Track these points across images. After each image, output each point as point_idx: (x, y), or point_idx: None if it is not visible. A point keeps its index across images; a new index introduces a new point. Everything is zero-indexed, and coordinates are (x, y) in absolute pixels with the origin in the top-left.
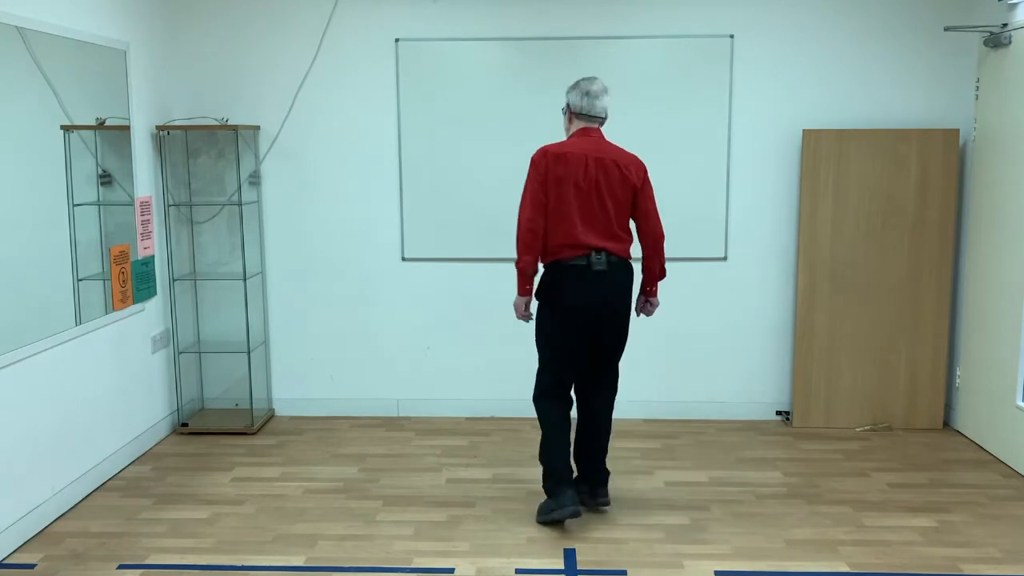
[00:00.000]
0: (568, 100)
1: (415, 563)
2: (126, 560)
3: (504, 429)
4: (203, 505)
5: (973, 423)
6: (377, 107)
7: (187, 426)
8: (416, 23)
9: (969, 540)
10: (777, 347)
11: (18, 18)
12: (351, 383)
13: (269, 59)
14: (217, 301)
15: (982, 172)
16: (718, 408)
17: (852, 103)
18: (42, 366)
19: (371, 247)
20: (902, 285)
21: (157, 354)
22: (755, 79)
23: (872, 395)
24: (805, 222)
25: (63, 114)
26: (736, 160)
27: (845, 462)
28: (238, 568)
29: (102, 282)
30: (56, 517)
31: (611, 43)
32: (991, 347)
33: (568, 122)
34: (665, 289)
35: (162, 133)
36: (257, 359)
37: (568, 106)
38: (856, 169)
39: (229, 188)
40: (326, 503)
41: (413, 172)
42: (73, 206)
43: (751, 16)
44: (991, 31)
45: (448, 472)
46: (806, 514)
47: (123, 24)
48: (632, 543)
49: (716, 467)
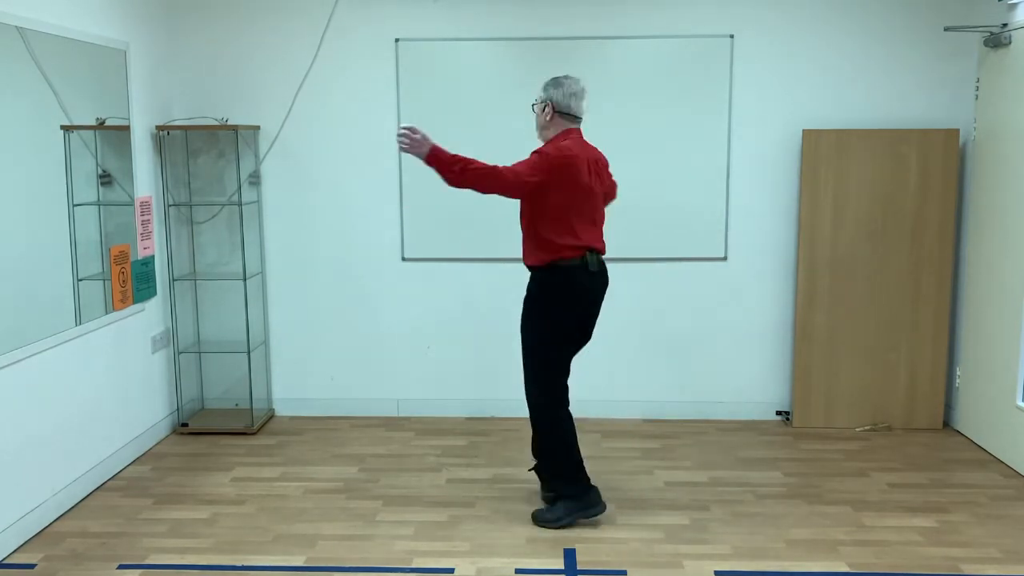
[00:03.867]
0: (551, 97)
1: (415, 563)
2: (126, 560)
3: (504, 429)
4: (203, 505)
5: (973, 423)
6: (377, 107)
7: (187, 426)
8: (416, 23)
9: (969, 540)
10: (777, 347)
11: (18, 18)
12: (351, 383)
13: (269, 59)
14: (217, 301)
15: (982, 172)
16: (718, 408)
17: (852, 103)
18: (42, 366)
19: (371, 247)
20: (902, 285)
21: (157, 354)
22: (755, 79)
23: (872, 395)
24: (805, 222)
25: (63, 114)
26: (736, 160)
27: (845, 462)
28: (238, 568)
29: (102, 282)
30: (56, 517)
31: (611, 43)
32: (991, 347)
33: (548, 119)
34: (665, 289)
35: (162, 133)
36: (257, 359)
37: (551, 104)
38: (856, 169)
39: (229, 188)
40: (326, 503)
41: (413, 172)
42: (73, 206)
43: (751, 16)
44: (991, 31)
45: (448, 472)
46: (806, 514)
47: (123, 24)
48: (632, 543)
49: (716, 467)
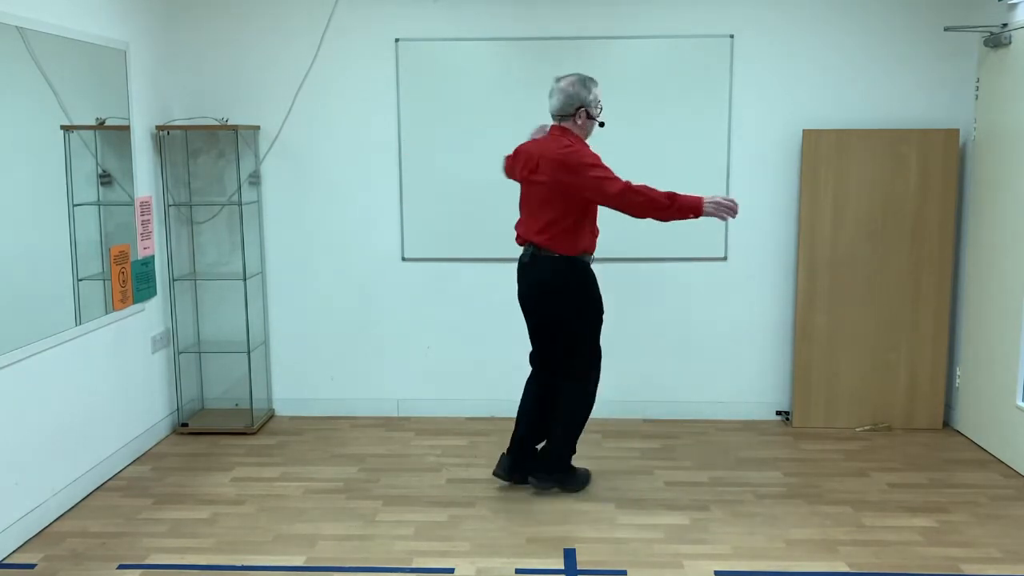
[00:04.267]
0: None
1: (415, 563)
2: (126, 560)
3: (504, 429)
4: (203, 505)
5: (973, 423)
6: (377, 107)
7: (187, 426)
8: (416, 23)
9: (969, 540)
10: (777, 347)
11: (18, 18)
12: (351, 383)
13: (269, 59)
14: (217, 301)
15: (982, 172)
16: (718, 408)
17: (852, 103)
18: (42, 366)
19: (371, 247)
20: (902, 285)
21: (157, 354)
22: (755, 79)
23: (872, 395)
24: (805, 222)
25: (63, 114)
26: (736, 160)
27: (845, 462)
28: (238, 568)
29: (102, 282)
30: (56, 517)
31: (611, 43)
32: (991, 347)
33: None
34: (665, 289)
35: (162, 133)
36: (257, 359)
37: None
38: (856, 169)
39: (229, 188)
40: (326, 503)
41: (413, 172)
42: (73, 206)
43: (751, 16)
44: (991, 31)
45: (448, 472)
46: (806, 514)
47: (123, 24)
48: (632, 543)
49: (716, 467)
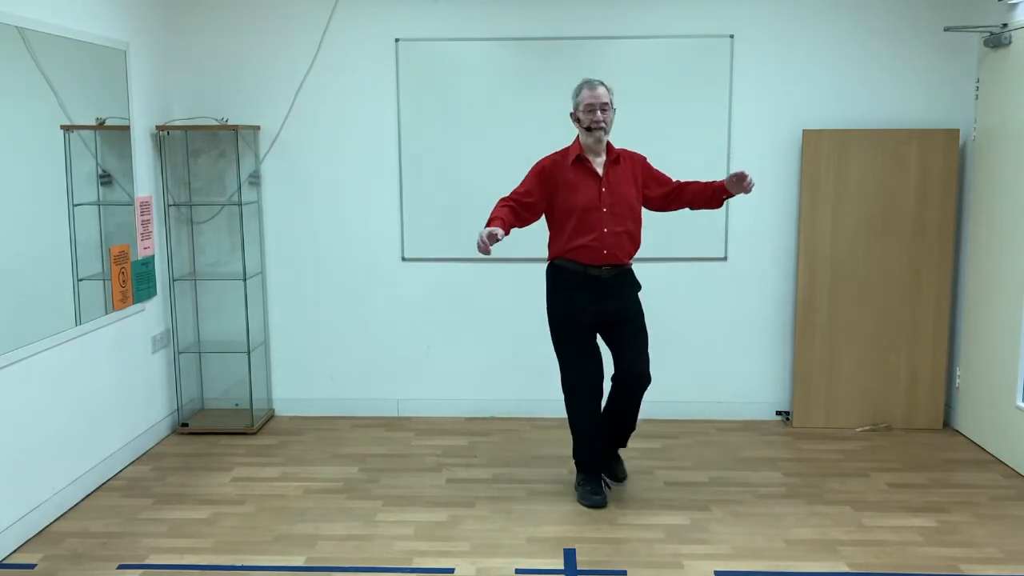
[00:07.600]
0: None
1: (415, 563)
2: (126, 560)
3: (504, 429)
4: (203, 505)
5: (973, 423)
6: (377, 107)
7: (187, 426)
8: (416, 23)
9: (969, 540)
10: (777, 347)
11: (18, 18)
12: (351, 383)
13: (269, 59)
14: (217, 301)
15: (982, 172)
16: (718, 408)
17: (852, 103)
18: (42, 366)
19: (371, 247)
20: (902, 285)
21: (157, 354)
22: (755, 79)
23: (872, 395)
24: (805, 222)
25: (63, 114)
26: (736, 160)
27: (845, 462)
28: (238, 568)
29: (102, 282)
30: (56, 517)
31: (611, 43)
32: (991, 347)
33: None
34: (665, 289)
35: (162, 133)
36: (257, 359)
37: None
38: (856, 169)
39: (229, 188)
40: (326, 503)
41: (413, 172)
42: (73, 206)
43: (751, 16)
44: (991, 31)
45: (448, 472)
46: (806, 514)
47: (123, 24)
48: (632, 543)
49: (716, 467)
